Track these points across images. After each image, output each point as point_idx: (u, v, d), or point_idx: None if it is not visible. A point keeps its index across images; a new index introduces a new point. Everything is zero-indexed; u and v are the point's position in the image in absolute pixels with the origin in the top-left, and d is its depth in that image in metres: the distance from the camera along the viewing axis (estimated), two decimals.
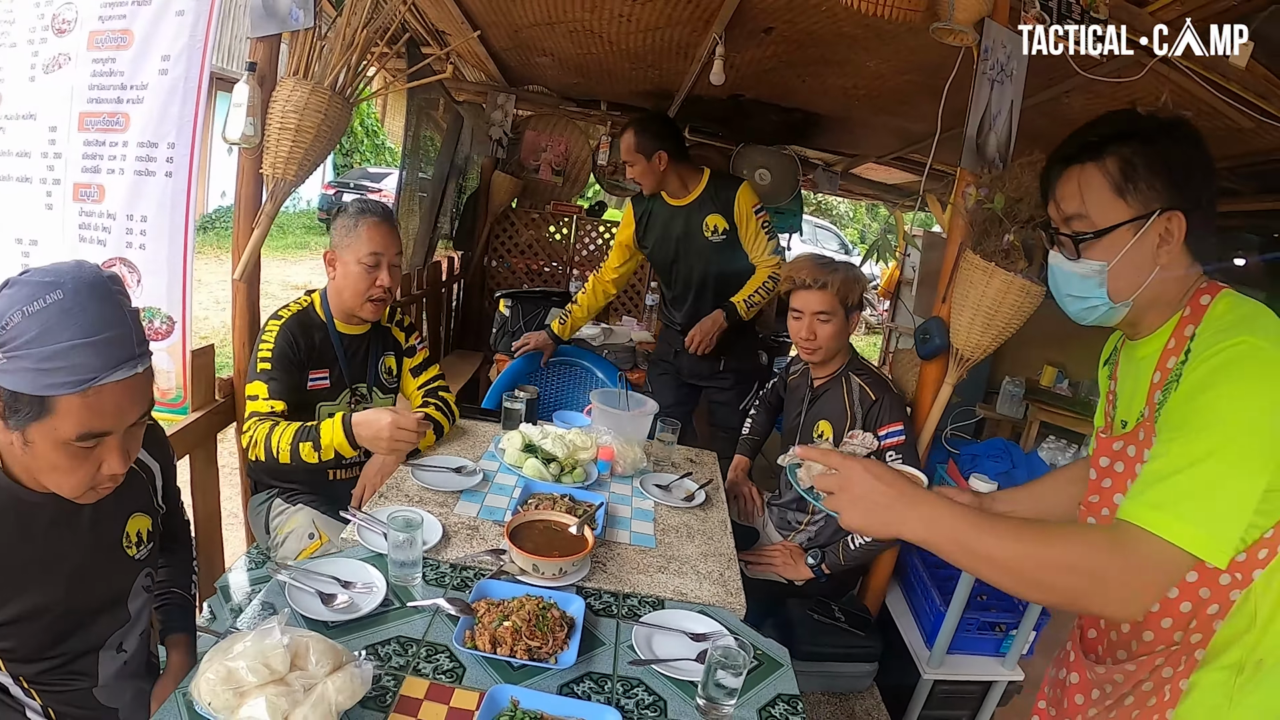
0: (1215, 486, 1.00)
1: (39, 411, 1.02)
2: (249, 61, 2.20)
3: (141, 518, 1.29)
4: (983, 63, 2.16)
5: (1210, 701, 1.17)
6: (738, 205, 2.95)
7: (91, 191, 2.30)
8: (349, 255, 2.13)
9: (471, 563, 1.68)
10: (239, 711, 1.09)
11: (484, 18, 3.37)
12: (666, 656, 1.45)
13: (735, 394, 3.17)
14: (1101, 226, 1.19)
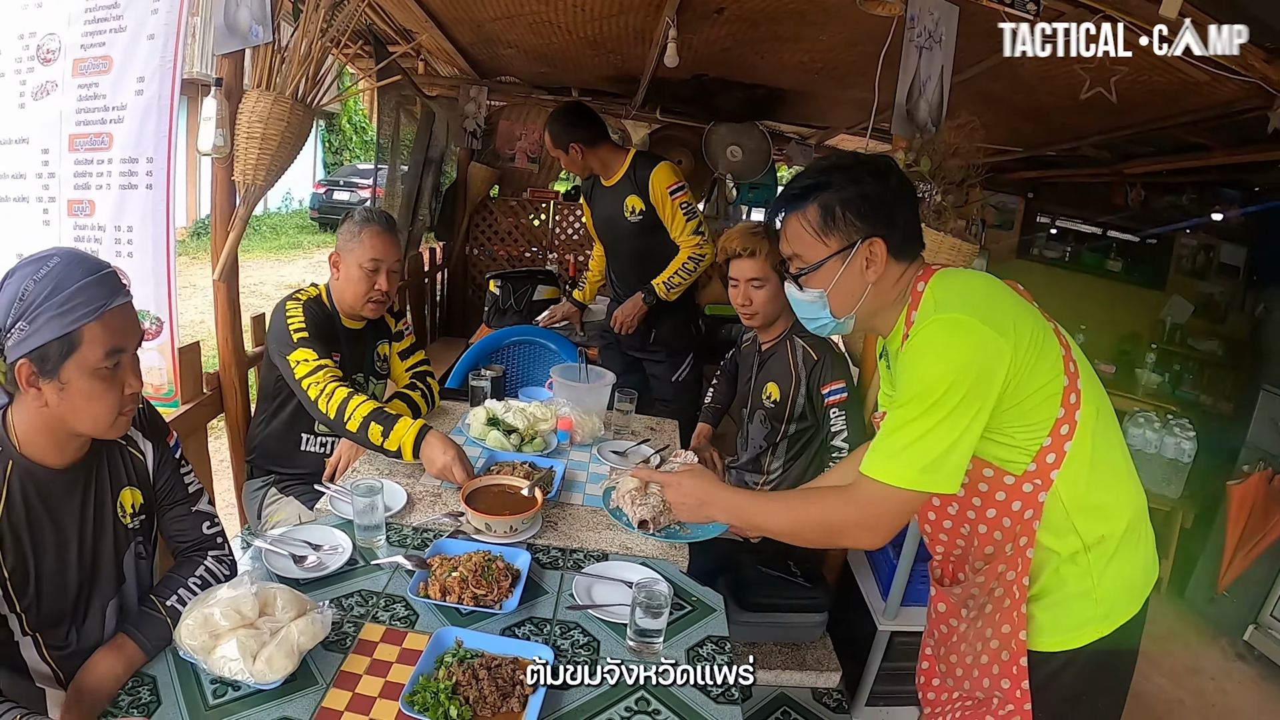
0: (922, 437, 1.26)
1: (68, 349, 1.19)
2: (215, 77, 2.35)
3: (133, 491, 1.45)
4: (910, 30, 2.27)
5: (1079, 587, 1.38)
6: (653, 186, 3.04)
7: (84, 206, 2.48)
8: (351, 259, 2.27)
9: (432, 525, 1.85)
10: (214, 651, 1.27)
11: (446, 14, 3.49)
12: (604, 602, 1.61)
13: (668, 367, 3.31)
14: (812, 263, 1.42)
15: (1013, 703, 1.41)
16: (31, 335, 1.17)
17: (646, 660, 1.46)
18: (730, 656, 1.52)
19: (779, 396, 2.45)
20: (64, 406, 1.23)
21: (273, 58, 2.30)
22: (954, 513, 1.47)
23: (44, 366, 1.19)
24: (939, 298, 1.35)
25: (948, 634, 1.58)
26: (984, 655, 1.46)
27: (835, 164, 1.44)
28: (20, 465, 1.26)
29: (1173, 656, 3.25)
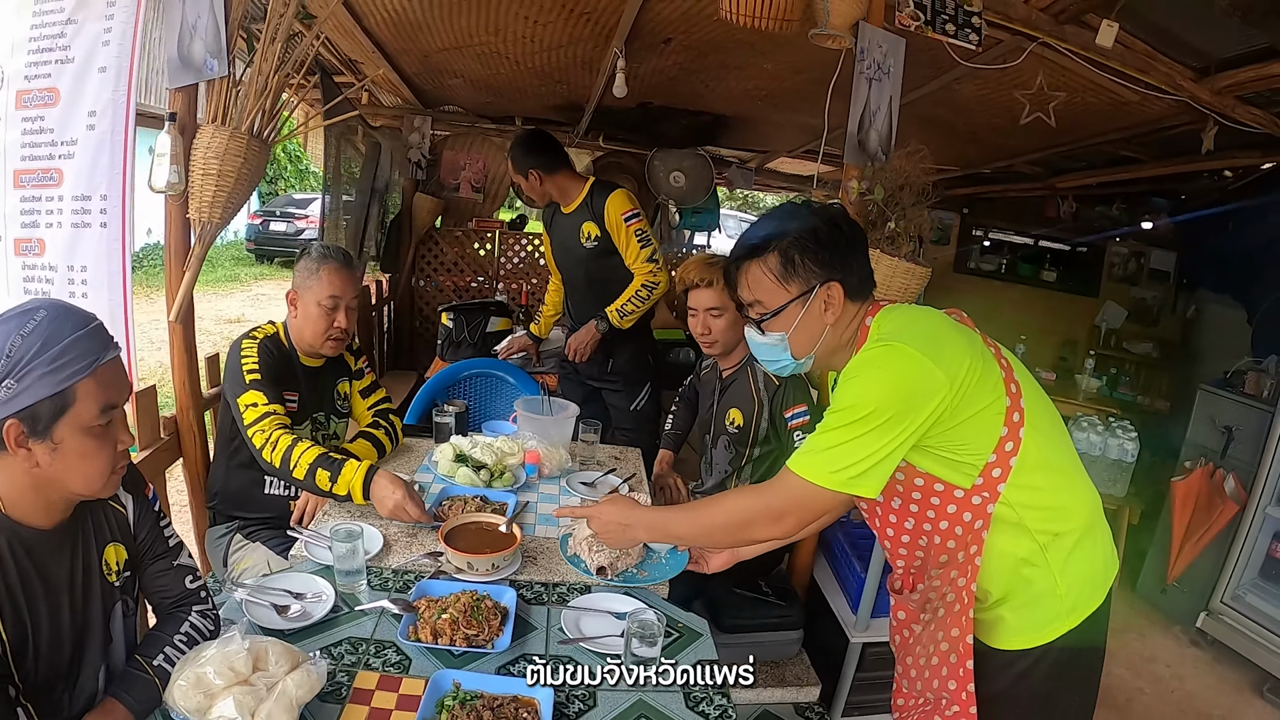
0: (845, 444, 1.36)
1: (61, 408, 1.15)
2: (169, 111, 2.28)
3: (117, 547, 1.39)
4: (860, 63, 2.34)
5: (1043, 586, 1.45)
6: (608, 213, 3.07)
7: (32, 245, 2.37)
8: (309, 297, 2.22)
9: (412, 566, 1.83)
10: (210, 713, 1.22)
11: (394, 45, 3.48)
12: (594, 634, 1.61)
13: (625, 396, 3.32)
14: (772, 308, 1.50)
15: (958, 704, 1.49)
16: (20, 394, 1.12)
17: (642, 689, 1.46)
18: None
19: (742, 421, 2.49)
20: (56, 466, 1.18)
21: (228, 92, 2.25)
22: (910, 527, 1.54)
23: (35, 426, 1.14)
24: (884, 330, 1.45)
25: (907, 638, 1.65)
26: (934, 657, 1.53)
27: (791, 213, 1.53)
28: (7, 528, 1.20)
29: (1129, 647, 3.38)
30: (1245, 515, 3.33)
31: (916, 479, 1.47)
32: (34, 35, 2.33)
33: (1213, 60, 2.85)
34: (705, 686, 1.49)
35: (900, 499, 1.53)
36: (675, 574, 1.86)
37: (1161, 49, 2.80)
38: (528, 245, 5.28)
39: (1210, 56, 2.84)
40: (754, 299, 1.53)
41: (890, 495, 1.54)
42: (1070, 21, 2.62)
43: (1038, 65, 2.78)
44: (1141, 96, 2.92)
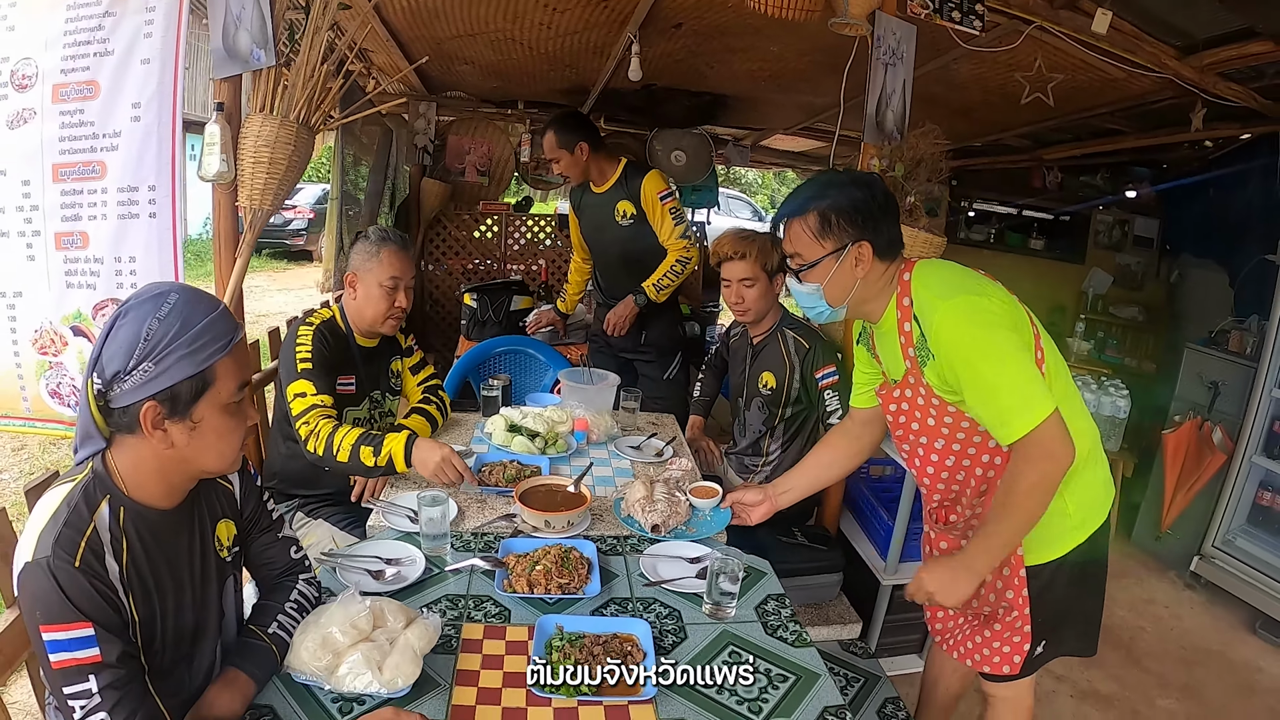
0: (1017, 383, 1.50)
1: (201, 387, 1.16)
2: (217, 101, 2.34)
3: (227, 523, 1.42)
4: (876, 49, 2.47)
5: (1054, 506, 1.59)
6: (644, 191, 3.21)
7: (74, 239, 2.41)
8: (370, 278, 2.28)
9: (488, 528, 1.94)
10: (338, 670, 1.30)
11: (408, 33, 3.53)
12: (672, 577, 1.75)
13: (657, 366, 3.45)
14: (811, 260, 1.69)
15: (1016, 609, 1.72)
16: (159, 376, 1.13)
17: (722, 621, 1.63)
18: (792, 609, 1.71)
19: (775, 384, 2.63)
20: (194, 446, 1.20)
21: (275, 82, 2.31)
22: (950, 464, 1.73)
23: (175, 407, 1.15)
24: (931, 286, 1.63)
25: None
26: (988, 575, 1.70)
27: (831, 180, 1.71)
28: (132, 510, 1.19)
29: (1128, 591, 3.59)
30: (1232, 465, 3.54)
31: (964, 421, 1.65)
32: (69, 30, 2.35)
33: (1195, 40, 3.02)
34: (780, 615, 1.67)
35: (944, 439, 1.70)
36: (718, 531, 2.00)
37: (1148, 30, 2.97)
38: (535, 227, 5.34)
39: (1193, 36, 3.02)
40: (794, 252, 1.73)
41: (934, 436, 1.71)
42: (1064, 7, 2.77)
43: (1034, 47, 2.93)
44: (1128, 74, 3.09)
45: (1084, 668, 2.93)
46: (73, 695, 1.06)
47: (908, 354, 1.68)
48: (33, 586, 1.07)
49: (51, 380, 2.54)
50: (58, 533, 1.08)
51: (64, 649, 1.06)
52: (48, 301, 2.47)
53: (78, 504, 1.12)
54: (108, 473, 1.19)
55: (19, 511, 1.55)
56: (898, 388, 1.75)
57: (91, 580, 1.09)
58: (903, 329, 1.68)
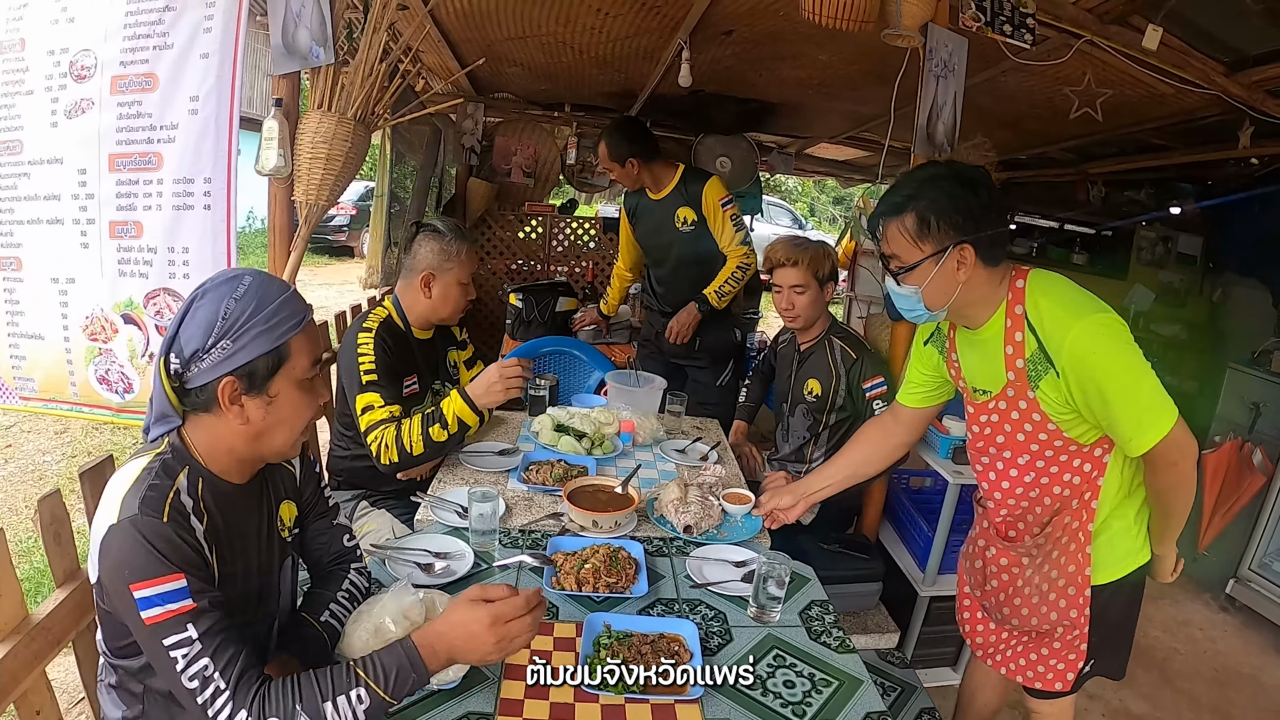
0: (1151, 391, 1.50)
1: (278, 362, 1.21)
2: (275, 98, 2.38)
3: (289, 504, 1.46)
4: (928, 61, 2.47)
5: (1122, 524, 1.69)
6: (705, 198, 3.22)
7: (128, 228, 2.45)
8: (450, 278, 2.32)
9: (536, 526, 1.96)
10: None
11: (459, 34, 3.57)
12: (717, 580, 1.76)
13: (710, 373, 3.46)
14: (909, 264, 1.62)
15: (1077, 628, 1.72)
16: (237, 352, 1.17)
17: (767, 624, 1.64)
18: (836, 616, 1.71)
19: (820, 391, 2.63)
20: (269, 421, 1.24)
21: (334, 79, 2.35)
22: (1029, 480, 1.71)
23: (252, 382, 1.20)
24: (1057, 300, 1.56)
25: (1008, 582, 1.82)
26: (1052, 593, 1.74)
27: (932, 176, 1.61)
28: (209, 481, 1.23)
29: (1164, 611, 3.55)
30: (1272, 487, 3.49)
31: (1057, 440, 1.64)
32: (129, 22, 2.39)
33: (1243, 56, 2.99)
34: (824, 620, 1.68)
35: (1030, 455, 1.68)
36: (749, 536, 2.01)
37: (1197, 46, 2.94)
38: (579, 229, 5.37)
39: (1242, 52, 2.99)
40: (892, 253, 1.65)
41: (1021, 452, 1.69)
42: (1114, 22, 2.75)
43: (1082, 62, 2.91)
44: (1176, 90, 3.06)
45: (1116, 688, 2.90)
46: (173, 645, 1.08)
47: (1014, 365, 1.62)
48: (119, 547, 1.09)
49: (100, 366, 2.59)
50: (142, 495, 1.11)
51: (157, 603, 1.07)
52: (100, 289, 2.51)
53: (158, 471, 1.16)
54: (185, 447, 1.23)
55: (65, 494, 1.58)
56: (994, 399, 1.70)
57: (179, 533, 1.12)
58: (1012, 338, 1.61)
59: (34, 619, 1.42)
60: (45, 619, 1.43)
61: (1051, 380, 1.55)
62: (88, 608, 1.54)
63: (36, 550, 3.30)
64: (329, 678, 1.13)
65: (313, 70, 2.39)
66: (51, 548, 1.50)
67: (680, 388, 3.18)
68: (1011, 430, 1.68)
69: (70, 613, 1.50)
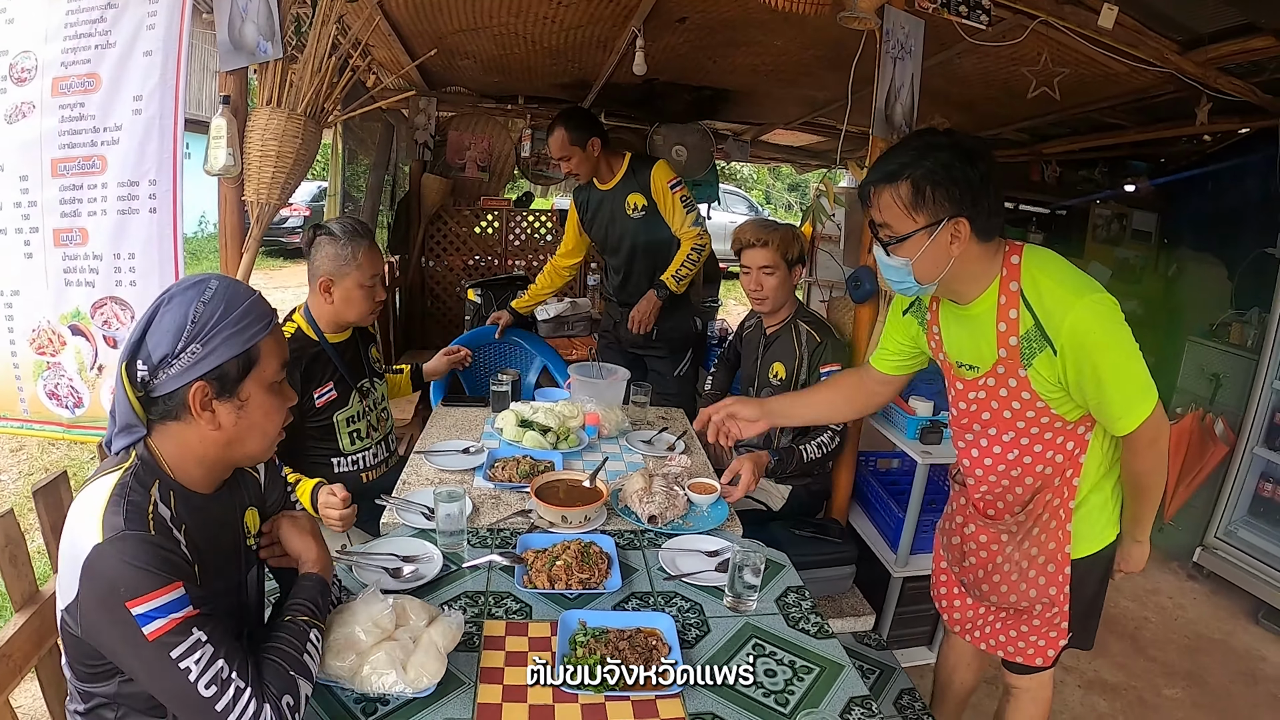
0: (1140, 373, 1.51)
1: (247, 365, 1.19)
2: (222, 95, 2.31)
3: (253, 512, 1.41)
4: (885, 43, 2.46)
5: (1098, 499, 1.71)
6: (654, 182, 3.18)
7: (73, 235, 2.37)
8: (349, 281, 2.22)
9: (504, 524, 1.93)
10: (362, 670, 1.27)
11: (409, 27, 3.51)
12: (691, 571, 1.74)
13: (669, 362, 3.42)
14: (901, 234, 1.55)
15: (1057, 605, 1.74)
16: (208, 356, 1.15)
17: (744, 614, 1.62)
18: (813, 601, 1.70)
19: (785, 374, 2.63)
20: (240, 425, 1.21)
21: (282, 74, 2.29)
22: (1013, 458, 1.71)
23: (224, 386, 1.17)
24: (1056, 277, 1.53)
25: (987, 559, 1.82)
26: (1031, 570, 1.74)
27: (930, 144, 1.53)
28: (180, 493, 1.20)
29: (1133, 581, 3.58)
30: (1234, 456, 3.57)
31: (1044, 418, 1.63)
32: (70, 21, 2.32)
33: (1196, 35, 3.04)
34: (800, 607, 1.66)
35: (1016, 432, 1.68)
36: (715, 526, 2.00)
37: (1151, 25, 2.98)
38: (535, 222, 5.31)
39: (1195, 31, 3.03)
40: (883, 221, 1.58)
41: (1006, 429, 1.69)
42: (1069, 2, 2.78)
43: (1038, 42, 2.92)
44: (1130, 68, 3.09)
45: (1090, 658, 2.94)
46: (183, 655, 1.06)
47: (1006, 342, 1.59)
48: (110, 566, 1.05)
49: (49, 381, 2.51)
50: (124, 511, 1.08)
51: (159, 615, 1.05)
52: (45, 300, 2.44)
53: (132, 485, 1.12)
54: (153, 459, 1.19)
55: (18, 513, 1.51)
56: (982, 376, 1.67)
57: (167, 545, 1.09)
58: (1006, 315, 1.57)
59: None
60: (4, 645, 1.36)
61: (1046, 358, 1.53)
62: (49, 632, 1.47)
63: None
64: (291, 637, 1.22)
65: (260, 66, 2.33)
66: (8, 571, 1.43)
67: (641, 379, 3.16)
68: (998, 407, 1.67)
69: (30, 639, 1.43)
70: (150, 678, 1.08)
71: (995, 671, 2.08)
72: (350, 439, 2.34)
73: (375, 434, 2.43)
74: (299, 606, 1.27)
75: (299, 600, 1.28)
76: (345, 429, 2.33)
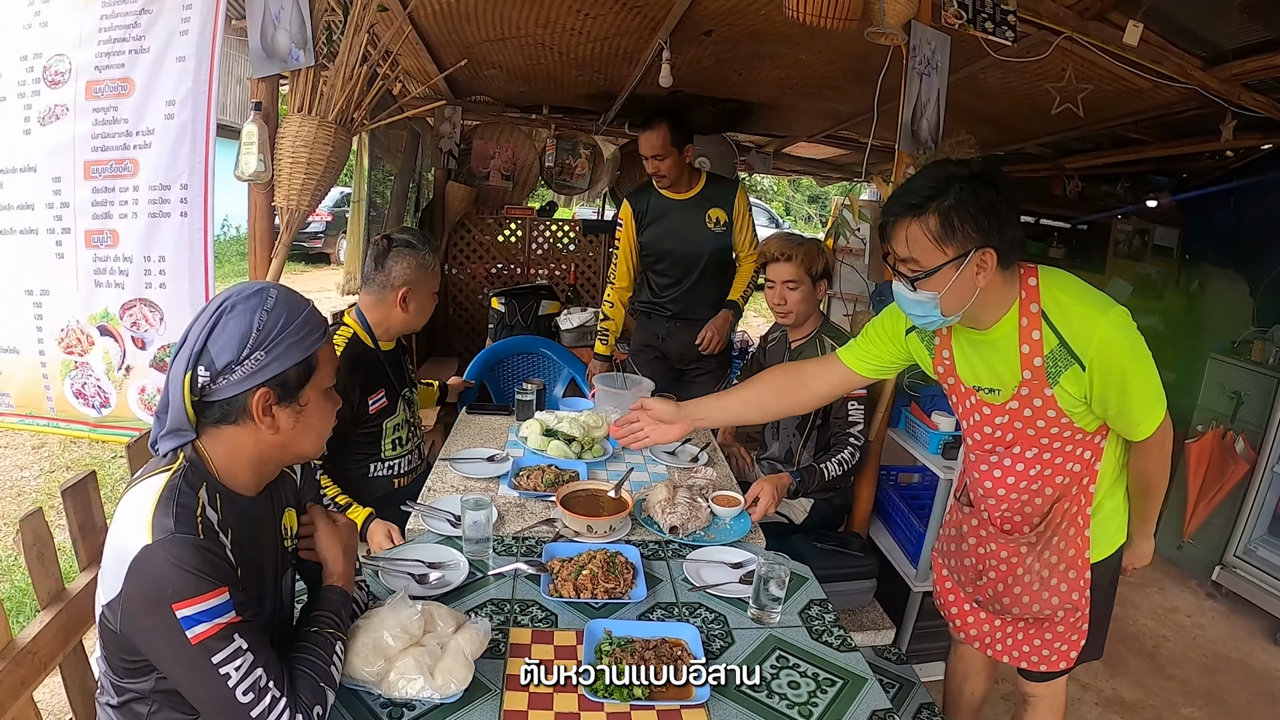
0: (1156, 384, 1.55)
1: (308, 371, 1.23)
2: (254, 101, 2.34)
3: (291, 513, 1.43)
4: (912, 59, 2.47)
5: (1111, 505, 1.74)
6: (738, 202, 3.21)
7: (104, 237, 2.40)
8: (425, 291, 2.30)
9: (529, 533, 1.94)
10: (389, 676, 1.29)
11: (437, 37, 3.54)
12: (715, 582, 1.75)
13: (714, 376, 3.41)
14: (928, 268, 1.52)
15: (1079, 609, 1.75)
16: (271, 363, 1.18)
17: (768, 626, 1.63)
18: (835, 614, 1.70)
19: None
20: (298, 429, 1.25)
21: (313, 82, 2.31)
22: (1033, 474, 1.71)
23: (285, 392, 1.21)
24: (1077, 295, 1.55)
25: (1006, 573, 1.82)
26: (1053, 578, 1.75)
27: (951, 174, 1.51)
28: (226, 496, 1.22)
29: (1151, 600, 3.58)
30: (1255, 474, 3.54)
31: (1065, 432, 1.64)
32: (104, 26, 2.35)
33: (1220, 51, 3.04)
34: (824, 620, 1.67)
35: (1038, 449, 1.69)
36: (738, 538, 2.00)
37: (1175, 41, 2.98)
38: (557, 231, 5.35)
39: (1219, 47, 3.04)
40: (910, 256, 1.55)
41: (1029, 446, 1.69)
42: (1095, 18, 2.79)
43: (1063, 58, 2.93)
44: (1154, 84, 3.10)
45: (1108, 676, 2.93)
46: (224, 660, 1.08)
47: (1031, 363, 1.58)
48: (158, 567, 1.07)
49: (76, 380, 2.54)
50: (174, 513, 1.10)
51: (204, 619, 1.07)
52: (75, 300, 2.47)
53: (182, 488, 1.14)
54: (201, 461, 1.21)
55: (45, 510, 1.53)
56: (1008, 400, 1.65)
57: (215, 549, 1.12)
58: (1029, 337, 1.57)
59: (19, 643, 1.37)
60: (31, 643, 1.38)
61: (1074, 374, 1.53)
62: (74, 630, 1.49)
63: (16, 569, 3.22)
64: (318, 648, 1.25)
65: (292, 73, 2.36)
66: (35, 568, 1.45)
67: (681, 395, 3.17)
68: (1022, 427, 1.67)
69: (56, 636, 1.45)
70: (188, 680, 1.10)
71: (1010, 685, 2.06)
72: (392, 445, 2.38)
73: (412, 441, 2.47)
74: (325, 618, 1.30)
75: (325, 612, 1.31)
76: (390, 435, 2.37)
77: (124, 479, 3.60)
